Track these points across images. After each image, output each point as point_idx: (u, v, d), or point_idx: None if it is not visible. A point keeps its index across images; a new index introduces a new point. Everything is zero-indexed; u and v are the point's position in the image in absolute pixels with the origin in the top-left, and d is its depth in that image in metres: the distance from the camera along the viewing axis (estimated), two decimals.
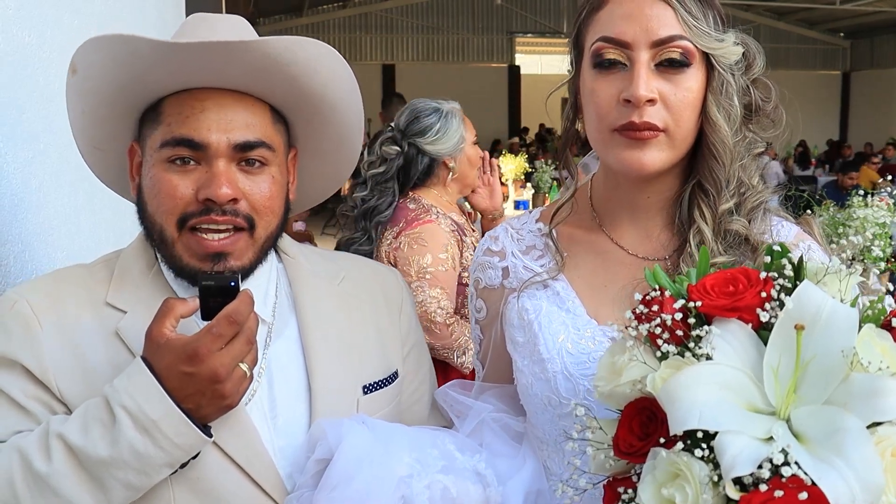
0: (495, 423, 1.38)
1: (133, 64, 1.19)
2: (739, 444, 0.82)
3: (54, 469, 1.10)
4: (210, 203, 1.19)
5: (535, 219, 1.45)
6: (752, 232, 1.26)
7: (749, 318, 0.92)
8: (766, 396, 0.88)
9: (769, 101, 1.30)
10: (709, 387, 0.87)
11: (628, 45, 1.20)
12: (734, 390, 0.88)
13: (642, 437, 0.93)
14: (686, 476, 0.85)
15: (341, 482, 1.14)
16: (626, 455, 0.95)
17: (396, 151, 3.01)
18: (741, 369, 0.90)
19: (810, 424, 0.84)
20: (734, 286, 0.95)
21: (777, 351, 0.88)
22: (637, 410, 0.95)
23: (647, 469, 0.90)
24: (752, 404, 0.88)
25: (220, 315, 1.12)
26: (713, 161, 1.25)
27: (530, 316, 1.33)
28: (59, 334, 1.21)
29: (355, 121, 1.37)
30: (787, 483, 0.78)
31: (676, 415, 0.86)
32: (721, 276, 0.98)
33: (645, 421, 0.94)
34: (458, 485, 1.20)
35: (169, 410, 1.10)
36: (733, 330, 0.92)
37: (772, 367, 0.87)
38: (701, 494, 0.82)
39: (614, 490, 0.98)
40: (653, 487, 0.88)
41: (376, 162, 3.03)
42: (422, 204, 3.02)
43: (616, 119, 1.21)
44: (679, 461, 0.85)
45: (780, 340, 0.88)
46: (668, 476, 0.87)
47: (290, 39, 1.21)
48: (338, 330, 1.35)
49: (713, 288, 0.96)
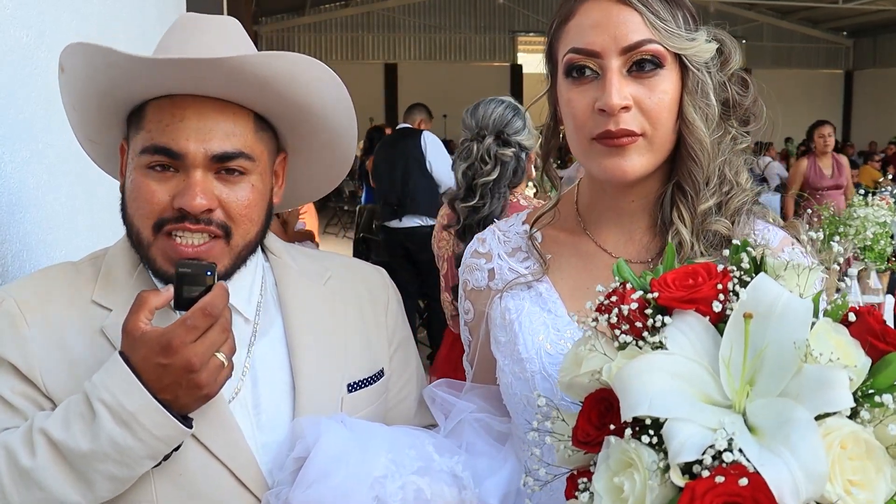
0: (477, 422, 1.39)
1: (110, 73, 1.21)
2: (688, 432, 0.83)
3: (38, 464, 1.11)
4: (184, 211, 1.20)
5: (522, 221, 1.46)
6: (735, 233, 1.25)
7: (706, 310, 0.93)
8: (723, 389, 0.89)
9: (747, 96, 1.30)
10: (661, 375, 0.87)
11: (598, 54, 1.20)
12: (689, 381, 0.89)
13: (599, 427, 0.94)
14: (636, 464, 0.85)
15: (317, 480, 1.15)
16: (584, 444, 0.95)
17: (513, 153, 3.01)
18: (698, 361, 0.90)
19: (764, 416, 0.84)
20: (693, 279, 0.96)
21: (731, 343, 0.88)
22: (596, 401, 0.96)
23: (602, 458, 0.91)
24: (709, 396, 0.89)
25: (195, 308, 1.12)
26: (691, 161, 1.25)
27: (512, 316, 1.34)
28: (46, 332, 1.22)
29: (346, 125, 1.37)
30: (729, 469, 0.79)
31: (628, 401, 0.87)
32: (683, 270, 0.98)
33: (603, 411, 0.95)
34: (433, 486, 1.21)
35: (146, 402, 1.11)
36: (690, 322, 0.93)
37: (724, 359, 0.88)
38: (647, 481, 0.83)
39: (575, 482, 0.99)
40: (606, 476, 0.89)
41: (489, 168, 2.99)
42: (531, 203, 3.05)
43: (593, 128, 1.21)
44: (628, 448, 0.86)
45: (735, 333, 0.89)
46: (622, 465, 0.88)
47: (267, 54, 1.21)
48: (323, 328, 1.36)
49: (674, 281, 0.97)
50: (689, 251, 1.23)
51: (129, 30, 2.78)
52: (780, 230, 1.33)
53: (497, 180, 2.99)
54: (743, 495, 0.77)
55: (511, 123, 3.05)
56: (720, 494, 0.77)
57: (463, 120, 3.15)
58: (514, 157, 3.01)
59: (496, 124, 3.02)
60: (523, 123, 3.06)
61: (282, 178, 1.37)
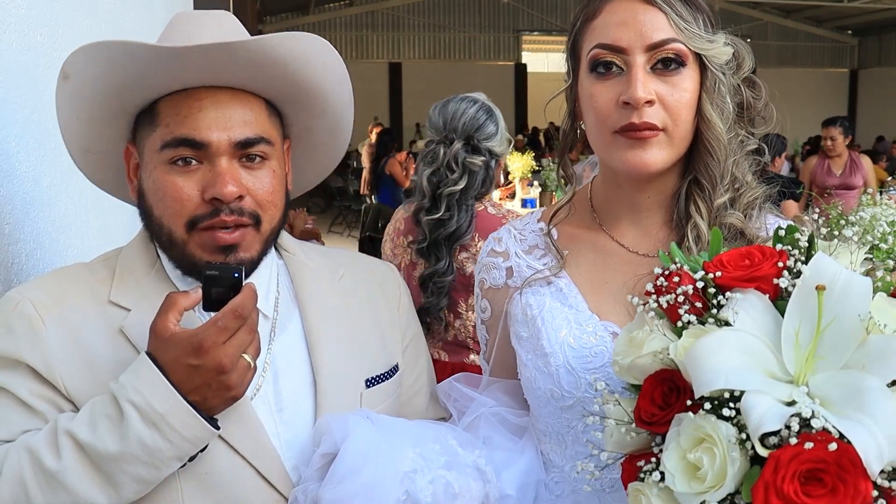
0: (493, 416, 1.41)
1: (129, 68, 1.20)
2: (766, 404, 0.85)
3: (64, 466, 1.10)
4: (217, 202, 1.20)
5: (537, 219, 1.49)
6: (748, 227, 1.30)
7: (766, 288, 0.96)
8: (784, 365, 0.91)
9: (760, 99, 1.35)
10: (731, 351, 0.90)
11: (624, 50, 1.25)
12: (754, 357, 0.91)
13: (664, 407, 0.97)
14: (713, 439, 0.88)
15: (346, 477, 1.16)
16: (648, 425, 0.98)
17: (482, 162, 2.78)
18: (759, 337, 0.93)
19: (830, 389, 0.87)
20: (749, 260, 0.99)
21: (796, 317, 0.91)
22: (658, 381, 0.99)
23: (671, 437, 0.93)
24: (771, 372, 0.91)
25: (226, 308, 1.12)
26: (708, 157, 1.29)
27: (534, 311, 1.37)
28: (64, 333, 1.21)
29: (346, 109, 1.39)
30: (817, 436, 0.82)
31: (702, 378, 0.89)
32: (735, 252, 1.02)
33: (666, 391, 0.97)
34: (460, 480, 1.22)
35: (176, 403, 1.11)
36: (751, 300, 0.96)
37: (792, 333, 0.91)
38: (729, 453, 0.86)
39: (634, 465, 1.01)
40: (677, 454, 0.91)
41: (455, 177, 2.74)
42: (500, 210, 2.87)
43: (616, 121, 1.25)
44: (706, 424, 0.88)
45: (799, 308, 0.91)
46: (693, 442, 0.90)
47: (284, 35, 1.22)
48: (340, 324, 1.37)
49: (729, 262, 1.00)
50: (706, 244, 1.26)
51: (139, 29, 2.79)
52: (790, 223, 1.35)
53: (464, 190, 2.74)
54: (827, 460, 0.80)
55: (483, 128, 2.78)
56: (805, 461, 0.80)
57: (430, 117, 2.87)
58: (483, 167, 2.77)
59: (466, 128, 2.77)
60: (496, 128, 2.81)
61: (288, 165, 1.38)
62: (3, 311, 1.23)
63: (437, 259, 2.77)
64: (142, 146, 1.27)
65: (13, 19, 1.62)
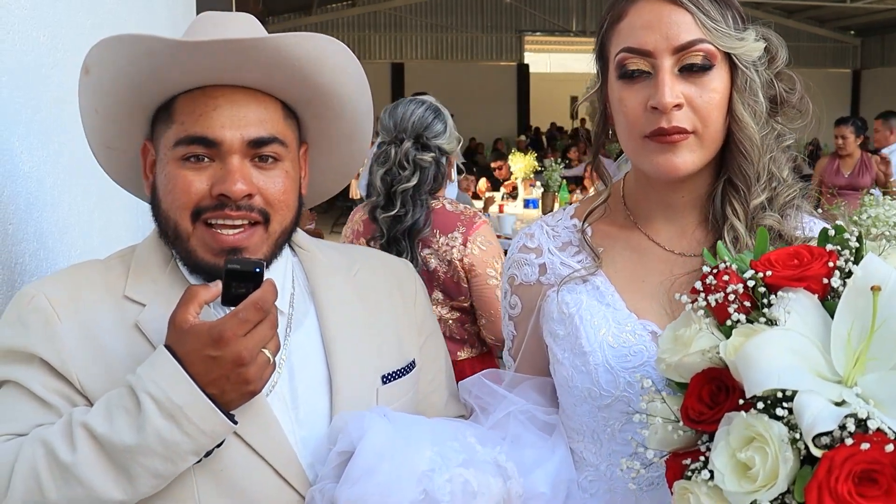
0: (522, 414, 1.40)
1: (147, 63, 1.20)
2: (819, 404, 0.85)
3: (79, 458, 1.09)
4: (224, 198, 1.20)
5: (570, 215, 1.48)
6: (785, 227, 1.28)
7: (815, 288, 0.96)
8: (832, 365, 0.91)
9: (794, 93, 1.33)
10: (783, 351, 0.90)
11: (651, 53, 1.23)
12: (804, 357, 0.91)
13: (712, 406, 0.96)
14: (764, 438, 0.87)
15: (363, 476, 1.15)
16: (696, 423, 0.97)
17: (432, 158, 2.89)
18: (809, 337, 0.93)
19: (881, 389, 0.87)
20: (798, 259, 0.99)
21: (847, 318, 0.91)
22: (706, 380, 0.98)
23: (721, 435, 0.93)
24: (819, 372, 0.91)
25: (248, 301, 1.12)
26: (741, 158, 1.28)
27: (571, 310, 1.36)
28: (78, 327, 1.21)
29: (365, 115, 1.39)
30: (872, 437, 0.81)
31: (755, 377, 0.89)
32: (783, 251, 1.01)
33: (714, 390, 0.97)
34: (479, 478, 1.20)
35: (194, 396, 1.10)
36: (800, 300, 0.96)
37: (844, 333, 0.90)
38: (782, 453, 0.85)
39: (679, 463, 1.01)
40: (727, 453, 0.91)
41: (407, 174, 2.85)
42: (460, 207, 2.96)
43: (646, 126, 1.24)
44: (757, 423, 0.88)
45: (849, 308, 0.91)
46: (743, 441, 0.90)
47: (301, 35, 1.22)
48: (356, 320, 1.36)
49: (777, 261, 1.00)
50: (745, 245, 1.25)
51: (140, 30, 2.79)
52: (825, 223, 1.34)
53: (416, 187, 2.85)
54: (882, 462, 0.79)
55: (431, 126, 2.89)
56: (859, 462, 0.80)
57: (381, 120, 2.96)
58: (433, 163, 2.87)
59: (415, 127, 2.87)
60: (444, 126, 2.93)
61: (305, 170, 1.38)
62: (19, 306, 1.23)
63: (398, 254, 2.82)
64: (158, 143, 1.27)
65: (16, 20, 1.62)
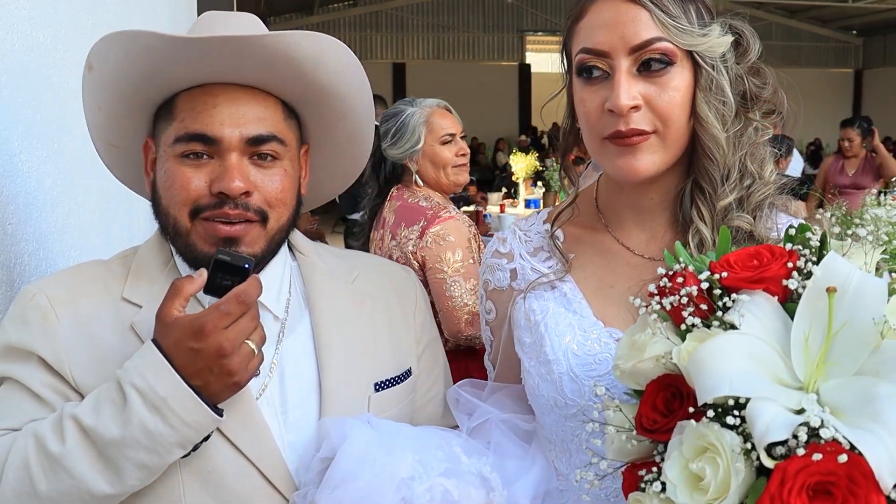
0: (504, 423, 1.38)
1: (148, 59, 1.21)
2: (772, 412, 0.81)
3: (68, 450, 1.11)
4: (223, 196, 1.21)
5: (543, 220, 1.45)
6: (758, 228, 1.24)
7: (775, 290, 0.91)
8: (793, 370, 0.87)
9: (766, 87, 1.28)
10: (737, 356, 0.86)
11: (607, 53, 1.20)
12: (761, 362, 0.87)
13: (666, 414, 0.92)
14: (716, 448, 0.83)
15: (343, 481, 1.15)
16: (650, 432, 0.93)
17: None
18: (767, 342, 0.88)
19: (841, 396, 0.83)
20: (758, 260, 0.95)
21: (806, 321, 0.87)
22: (661, 387, 0.94)
23: (674, 445, 0.89)
24: (779, 378, 0.87)
25: (230, 294, 1.13)
26: (706, 159, 1.24)
27: (537, 317, 1.33)
28: (76, 326, 1.23)
29: (366, 115, 1.38)
30: (826, 447, 0.77)
31: (706, 383, 0.85)
32: (743, 252, 0.97)
33: (669, 397, 0.93)
34: (461, 488, 1.19)
35: (177, 387, 1.11)
36: (759, 302, 0.91)
37: (802, 337, 0.86)
38: (733, 464, 0.81)
39: (634, 475, 0.97)
40: (680, 464, 0.87)
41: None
42: (435, 201, 3.03)
43: (604, 128, 1.21)
44: (709, 432, 0.84)
45: (809, 311, 0.87)
46: (696, 451, 0.86)
47: (302, 34, 1.22)
48: (351, 326, 1.36)
49: (737, 262, 0.95)
50: (711, 248, 1.20)
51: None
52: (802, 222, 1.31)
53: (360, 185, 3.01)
54: (838, 473, 0.75)
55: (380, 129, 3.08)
56: (814, 473, 0.76)
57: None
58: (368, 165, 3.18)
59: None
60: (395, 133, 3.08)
61: (306, 171, 1.38)
62: (20, 304, 1.25)
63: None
64: (158, 140, 1.28)
65: (16, 20, 1.62)
